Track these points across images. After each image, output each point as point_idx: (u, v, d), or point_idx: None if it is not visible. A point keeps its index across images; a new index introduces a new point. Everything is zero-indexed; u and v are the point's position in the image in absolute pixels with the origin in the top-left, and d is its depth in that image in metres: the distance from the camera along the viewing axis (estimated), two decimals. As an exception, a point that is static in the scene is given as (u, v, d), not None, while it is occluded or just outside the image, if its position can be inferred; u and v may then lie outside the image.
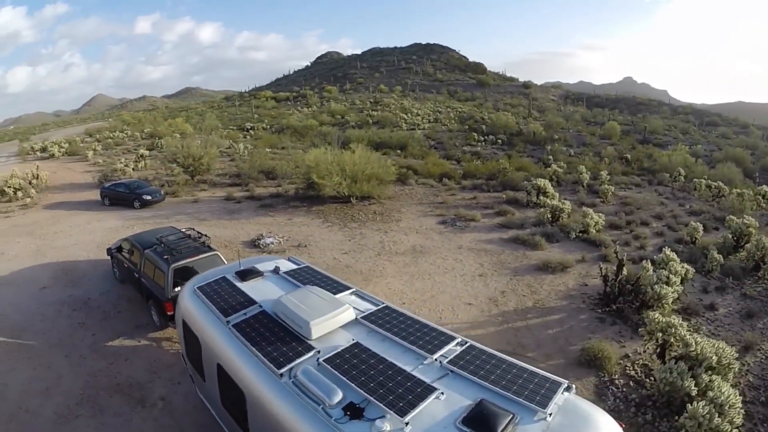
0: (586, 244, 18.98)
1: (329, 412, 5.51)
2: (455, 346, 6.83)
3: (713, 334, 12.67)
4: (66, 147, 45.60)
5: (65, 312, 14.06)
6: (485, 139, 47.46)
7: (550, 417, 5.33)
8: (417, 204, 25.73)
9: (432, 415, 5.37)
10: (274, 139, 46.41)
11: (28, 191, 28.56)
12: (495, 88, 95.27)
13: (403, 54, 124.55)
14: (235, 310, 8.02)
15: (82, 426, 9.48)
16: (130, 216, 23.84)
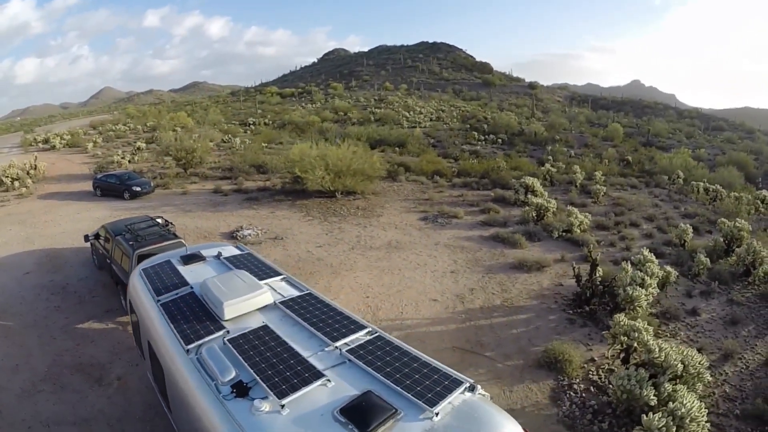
0: (569, 244, 18.32)
1: (220, 389, 5.61)
2: (363, 335, 6.74)
3: (691, 340, 11.95)
4: (67, 139, 45.81)
5: (44, 296, 14.64)
6: (486, 139, 46.85)
7: (437, 417, 5.05)
8: (402, 200, 25.33)
9: (313, 401, 5.31)
10: (273, 134, 46.19)
11: (25, 181, 28.89)
12: (501, 88, 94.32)
13: (410, 52, 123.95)
14: (167, 291, 8.34)
15: (43, 400, 10.01)
16: (118, 206, 24.01)
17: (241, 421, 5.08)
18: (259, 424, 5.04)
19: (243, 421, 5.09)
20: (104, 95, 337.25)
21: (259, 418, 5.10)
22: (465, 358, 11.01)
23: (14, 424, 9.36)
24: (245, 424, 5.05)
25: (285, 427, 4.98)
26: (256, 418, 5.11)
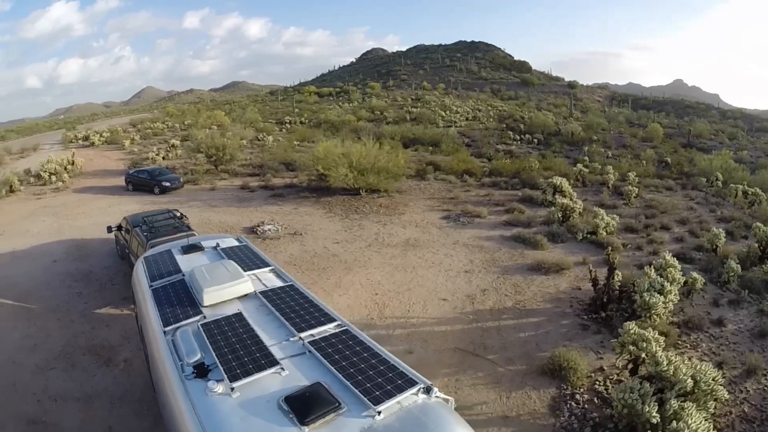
0: (593, 247, 17.38)
1: (184, 369, 5.86)
2: (331, 328, 6.76)
3: (713, 353, 11.00)
4: (106, 136, 47.27)
5: (68, 282, 15.36)
6: (521, 138, 45.82)
7: (379, 415, 4.93)
8: (427, 199, 24.94)
9: (263, 387, 5.41)
10: (307, 133, 46.48)
11: (62, 176, 30.03)
12: (539, 87, 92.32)
13: (448, 51, 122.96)
14: (161, 277, 8.73)
15: (54, 377, 10.66)
16: (148, 201, 24.62)
17: (195, 400, 5.30)
18: (209, 403, 5.23)
19: (197, 400, 5.31)
20: (146, 94, 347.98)
21: (211, 399, 5.28)
22: (465, 360, 10.60)
23: (25, 396, 10.05)
24: (198, 403, 5.27)
25: (232, 410, 5.11)
26: (209, 398, 5.30)
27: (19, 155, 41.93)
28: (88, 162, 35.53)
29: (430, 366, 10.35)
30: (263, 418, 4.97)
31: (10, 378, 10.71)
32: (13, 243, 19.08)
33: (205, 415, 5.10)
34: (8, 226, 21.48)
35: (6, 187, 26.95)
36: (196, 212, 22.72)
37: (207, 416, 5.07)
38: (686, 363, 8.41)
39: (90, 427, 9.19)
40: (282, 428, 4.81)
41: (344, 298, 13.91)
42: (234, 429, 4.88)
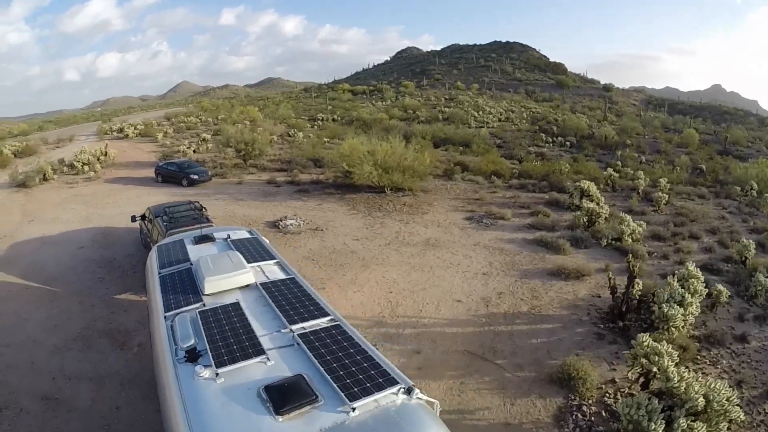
0: (617, 253, 16.81)
1: (177, 353, 6.04)
2: (323, 322, 6.75)
3: (733, 370, 10.41)
4: (140, 129, 48.44)
5: (92, 268, 15.96)
6: (553, 141, 44.93)
7: (353, 412, 4.91)
8: (452, 199, 24.69)
9: (247, 375, 5.50)
10: (338, 130, 46.61)
11: (94, 166, 30.96)
12: (574, 90, 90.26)
13: (483, 51, 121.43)
14: (170, 265, 8.96)
15: (70, 357, 11.11)
16: (176, 192, 25.06)
17: (183, 383, 5.47)
18: (195, 387, 5.38)
19: (184, 383, 5.47)
20: (182, 89, 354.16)
21: (196, 383, 5.42)
22: (473, 363, 10.37)
23: (42, 374, 10.51)
24: (184, 385, 5.43)
25: (215, 394, 5.23)
26: (195, 382, 5.44)
27: (54, 145, 43.37)
28: (121, 153, 36.50)
29: (437, 367, 10.23)
30: (242, 404, 5.06)
31: (29, 356, 11.22)
32: (43, 229, 19.79)
33: (189, 397, 5.25)
34: (40, 213, 22.22)
35: (40, 175, 27.85)
36: (222, 205, 23.06)
37: (191, 399, 5.22)
38: (699, 380, 7.97)
39: (99, 406, 9.50)
40: (258, 416, 4.89)
41: (358, 295, 13.87)
42: (214, 413, 5.00)
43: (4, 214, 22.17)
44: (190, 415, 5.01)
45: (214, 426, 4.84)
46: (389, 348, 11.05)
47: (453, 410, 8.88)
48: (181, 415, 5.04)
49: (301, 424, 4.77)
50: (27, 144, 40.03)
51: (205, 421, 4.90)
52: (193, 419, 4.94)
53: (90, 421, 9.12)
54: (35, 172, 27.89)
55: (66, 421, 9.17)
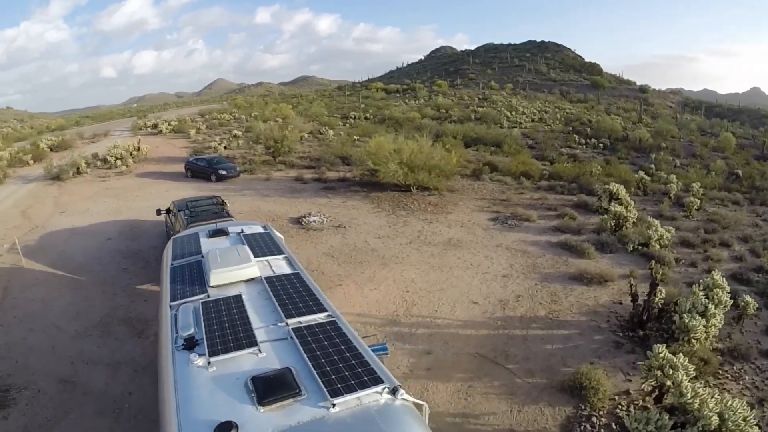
0: (644, 259, 16.06)
1: (177, 341, 6.26)
2: (320, 317, 6.80)
3: (756, 387, 9.74)
4: (174, 125, 49.48)
5: (117, 259, 16.54)
6: (587, 143, 43.86)
7: (333, 408, 4.92)
8: (478, 199, 24.35)
9: (238, 365, 5.62)
10: (370, 128, 46.52)
11: (126, 161, 31.88)
12: (610, 90, 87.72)
13: (517, 51, 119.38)
14: (183, 257, 9.27)
15: (89, 343, 11.62)
16: (204, 188, 25.52)
17: (178, 369, 5.68)
18: (188, 374, 5.57)
19: (179, 369, 5.68)
20: (217, 86, 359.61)
21: (190, 370, 5.61)
22: (483, 367, 10.15)
23: (62, 358, 11.02)
24: (179, 372, 5.64)
25: (205, 382, 5.39)
26: (188, 369, 5.63)
27: (90, 140, 44.72)
28: (154, 149, 37.46)
29: (446, 369, 10.07)
30: (228, 393, 5.17)
31: (51, 341, 11.80)
32: (74, 220, 20.49)
33: (182, 383, 5.44)
34: (71, 205, 22.97)
35: (73, 168, 28.77)
36: (248, 201, 23.37)
37: (183, 385, 5.41)
38: (715, 397, 7.50)
39: (112, 390, 9.83)
40: (241, 405, 4.99)
41: (374, 293, 13.82)
42: (202, 399, 5.14)
43: (37, 206, 23.00)
44: (179, 400, 5.18)
45: (199, 412, 4.97)
46: (400, 347, 10.96)
47: (458, 413, 8.71)
48: (173, 399, 5.23)
49: (280, 416, 4.82)
50: (63, 138, 41.44)
51: (193, 406, 5.05)
52: (182, 404, 5.11)
53: (102, 404, 9.43)
54: (69, 166, 28.82)
55: (80, 403, 9.52)
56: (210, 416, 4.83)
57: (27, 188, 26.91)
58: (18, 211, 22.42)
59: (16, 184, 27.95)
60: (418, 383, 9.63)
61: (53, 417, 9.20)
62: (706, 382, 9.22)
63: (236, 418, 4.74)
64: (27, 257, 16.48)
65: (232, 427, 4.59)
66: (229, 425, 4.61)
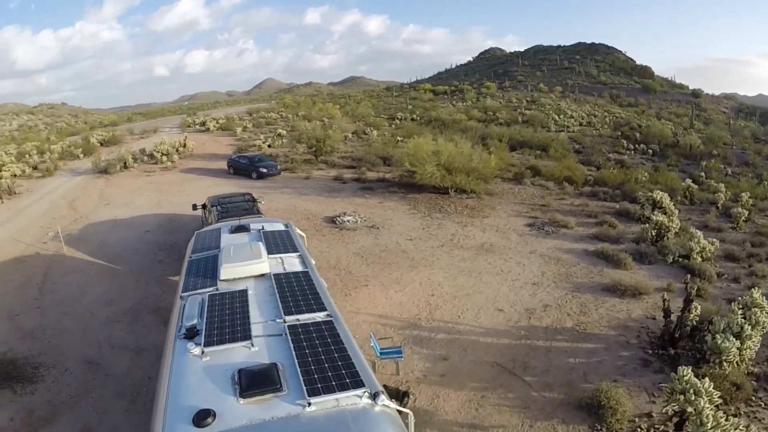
0: (684, 272, 15.07)
1: (180, 330, 6.51)
2: (319, 316, 6.83)
3: None
4: (221, 123, 50.69)
5: (153, 250, 17.11)
6: (635, 148, 42.27)
7: (309, 407, 4.98)
8: (517, 203, 23.77)
9: (229, 357, 5.80)
10: (414, 129, 46.32)
11: (172, 157, 33.06)
12: (661, 95, 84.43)
13: (567, 53, 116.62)
14: (202, 251, 9.63)
15: (118, 329, 12.17)
16: (244, 184, 26.00)
17: (176, 356, 5.97)
18: (183, 361, 5.84)
19: (177, 356, 5.97)
20: (267, 85, 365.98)
21: (186, 358, 5.87)
22: (500, 377, 9.82)
23: (90, 341, 11.65)
24: (176, 359, 5.92)
25: (196, 370, 5.62)
26: (185, 357, 5.89)
27: (139, 136, 46.59)
28: (200, 145, 38.59)
29: (460, 377, 9.83)
30: (215, 383, 5.35)
31: (83, 325, 12.43)
32: (116, 212, 21.34)
33: (176, 370, 5.72)
34: (116, 197, 23.94)
35: (121, 163, 29.92)
36: (285, 199, 23.67)
37: (177, 371, 5.68)
38: (740, 429, 6.90)
39: (133, 373, 10.24)
40: (224, 395, 5.15)
41: (399, 295, 13.69)
42: (191, 387, 5.36)
43: (84, 197, 24.08)
44: (171, 385, 5.46)
45: (186, 398, 5.18)
46: (417, 351, 10.80)
47: (467, 424, 8.46)
48: (165, 383, 5.52)
49: (258, 409, 4.93)
50: (113, 134, 43.35)
51: (182, 392, 5.29)
52: (172, 389, 5.38)
53: (122, 386, 9.83)
54: (116, 160, 30.10)
55: (102, 384, 9.96)
56: (194, 403, 5.03)
57: (75, 181, 28.26)
58: (65, 202, 23.56)
59: (66, 177, 29.41)
60: (430, 389, 9.44)
61: (75, 395, 9.69)
62: (736, 409, 8.53)
63: (217, 407, 4.93)
64: (69, 245, 17.34)
65: (210, 415, 4.78)
66: (207, 413, 4.80)
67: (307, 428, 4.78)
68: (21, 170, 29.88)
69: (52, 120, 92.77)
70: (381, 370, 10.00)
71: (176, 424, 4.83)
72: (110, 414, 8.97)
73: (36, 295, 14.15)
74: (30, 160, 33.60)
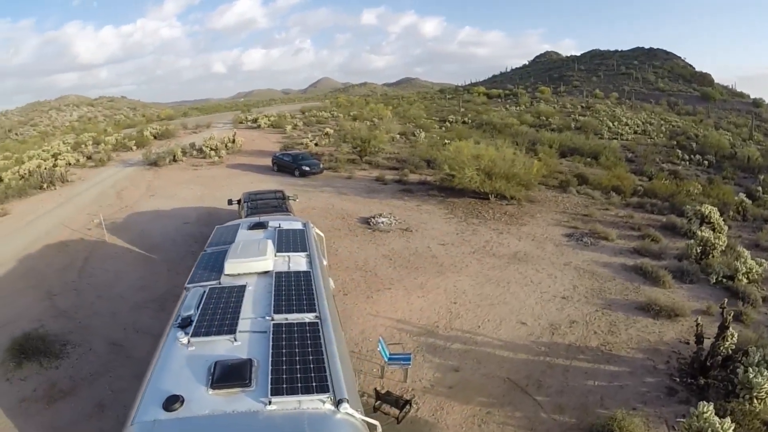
0: (726, 294, 13.99)
1: (177, 319, 6.77)
2: (308, 317, 6.82)
3: None
4: (273, 120, 51.63)
5: (189, 242, 17.66)
6: (690, 159, 40.31)
7: (269, 405, 5.05)
8: (558, 212, 23.00)
9: (212, 349, 5.98)
10: (464, 132, 45.77)
11: (220, 152, 33.92)
12: (720, 103, 79.51)
13: (624, 58, 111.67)
14: (217, 245, 9.83)
15: (145, 315, 12.70)
16: (286, 182, 26.51)
17: (166, 344, 6.23)
18: (170, 348, 6.09)
19: (167, 344, 6.22)
20: (322, 84, 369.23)
21: (174, 345, 6.11)
22: (510, 394, 9.45)
23: (118, 324, 12.29)
24: (165, 345, 6.20)
25: (180, 358, 5.84)
26: (174, 345, 6.11)
27: (192, 130, 48.07)
28: (249, 141, 39.45)
29: (469, 390, 9.55)
30: (193, 372, 5.55)
31: (113, 308, 13.11)
32: (160, 204, 22.11)
33: (163, 356, 5.98)
34: (161, 189, 24.82)
35: (170, 156, 30.91)
36: (324, 197, 23.84)
37: (163, 358, 5.95)
38: None
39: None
40: (197, 384, 5.34)
41: (420, 301, 13.52)
42: (171, 373, 5.59)
43: (131, 188, 25.09)
44: (155, 370, 5.74)
45: (165, 383, 5.41)
46: (429, 360, 10.59)
47: (466, 440, 8.16)
48: (151, 368, 5.82)
49: (223, 401, 5.10)
50: (167, 128, 44.97)
51: (163, 377, 5.54)
52: (155, 374, 5.66)
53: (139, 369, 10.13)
54: (166, 153, 31.22)
55: (121, 365, 10.48)
56: (170, 388, 5.27)
57: (126, 171, 29.54)
58: (114, 191, 24.63)
59: (118, 167, 30.80)
60: (435, 400, 9.23)
61: (95, 373, 10.24)
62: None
63: (188, 395, 5.16)
64: (111, 233, 18.17)
65: (178, 401, 5.02)
66: (176, 398, 5.05)
67: (262, 426, 4.88)
68: (75, 159, 31.45)
69: (111, 112, 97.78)
70: (389, 376, 9.86)
71: (149, 406, 5.08)
72: (125, 393, 9.20)
73: (75, 278, 14.93)
74: (85, 150, 35.31)
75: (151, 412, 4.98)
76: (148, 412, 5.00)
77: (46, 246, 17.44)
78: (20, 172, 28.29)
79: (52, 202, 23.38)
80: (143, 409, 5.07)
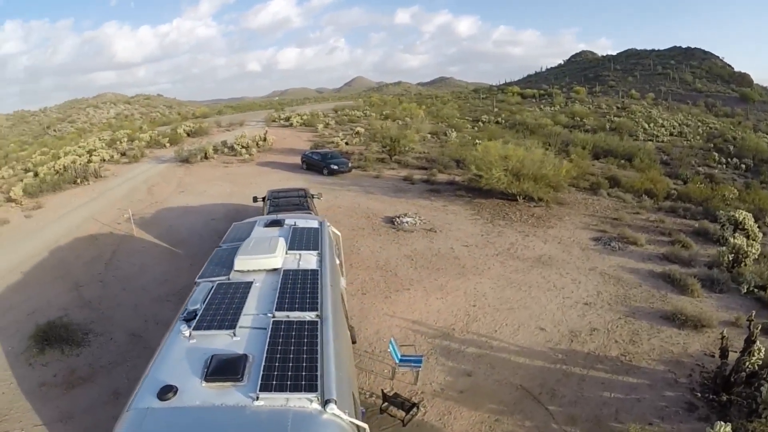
0: (757, 305, 13.42)
1: (184, 312, 6.98)
2: (308, 315, 6.83)
3: None
4: (305, 118, 51.84)
5: (214, 237, 17.48)
6: (728, 162, 38.91)
7: (257, 400, 5.13)
8: (587, 215, 22.46)
9: (211, 343, 6.10)
10: (497, 132, 45.24)
11: (251, 149, 34.41)
12: (760, 105, 76.26)
13: (660, 58, 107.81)
14: (232, 241, 9.96)
15: (165, 308, 12.97)
16: (314, 180, 26.79)
17: (169, 335, 6.43)
18: (172, 340, 6.26)
19: (170, 335, 6.41)
20: (356, 83, 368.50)
21: (175, 337, 6.27)
22: (522, 402, 9.26)
23: (139, 316, 12.67)
24: (168, 337, 6.40)
25: (180, 350, 6.00)
26: (177, 337, 6.27)
27: (225, 128, 48.80)
28: (281, 140, 39.84)
29: (480, 395, 9.41)
30: (189, 363, 5.69)
31: (136, 300, 13.50)
32: (189, 200, 22.60)
33: (166, 347, 6.15)
34: (192, 186, 25.35)
35: (202, 153, 31.45)
36: (351, 196, 23.91)
37: (165, 348, 6.13)
38: None
39: None
40: (193, 376, 5.49)
41: (439, 302, 13.43)
42: (171, 364, 5.76)
43: (163, 184, 25.70)
44: (157, 360, 5.94)
45: (163, 373, 5.59)
46: (442, 363, 10.51)
47: (472, 447, 8.04)
48: (153, 358, 6.03)
49: (214, 394, 5.22)
50: (200, 125, 45.71)
51: (162, 367, 5.73)
52: (156, 363, 5.85)
53: None
54: (198, 151, 31.80)
55: (139, 355, 10.79)
56: (167, 378, 5.46)
57: (158, 168, 30.27)
58: (145, 187, 25.30)
59: (151, 164, 31.58)
60: (444, 404, 9.14)
61: (114, 362, 10.66)
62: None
63: (183, 385, 5.32)
64: (140, 227, 18.70)
65: (171, 391, 5.19)
66: (170, 388, 5.23)
67: (248, 421, 4.95)
68: (110, 155, 32.34)
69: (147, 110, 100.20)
70: (400, 377, 9.82)
71: (146, 394, 5.27)
72: (140, 383, 9.62)
73: (101, 270, 15.45)
74: (120, 147, 36.23)
75: (147, 400, 5.18)
76: (143, 400, 5.20)
77: (76, 239, 18.12)
78: (56, 167, 29.31)
79: (85, 197, 24.23)
80: (140, 396, 5.27)
